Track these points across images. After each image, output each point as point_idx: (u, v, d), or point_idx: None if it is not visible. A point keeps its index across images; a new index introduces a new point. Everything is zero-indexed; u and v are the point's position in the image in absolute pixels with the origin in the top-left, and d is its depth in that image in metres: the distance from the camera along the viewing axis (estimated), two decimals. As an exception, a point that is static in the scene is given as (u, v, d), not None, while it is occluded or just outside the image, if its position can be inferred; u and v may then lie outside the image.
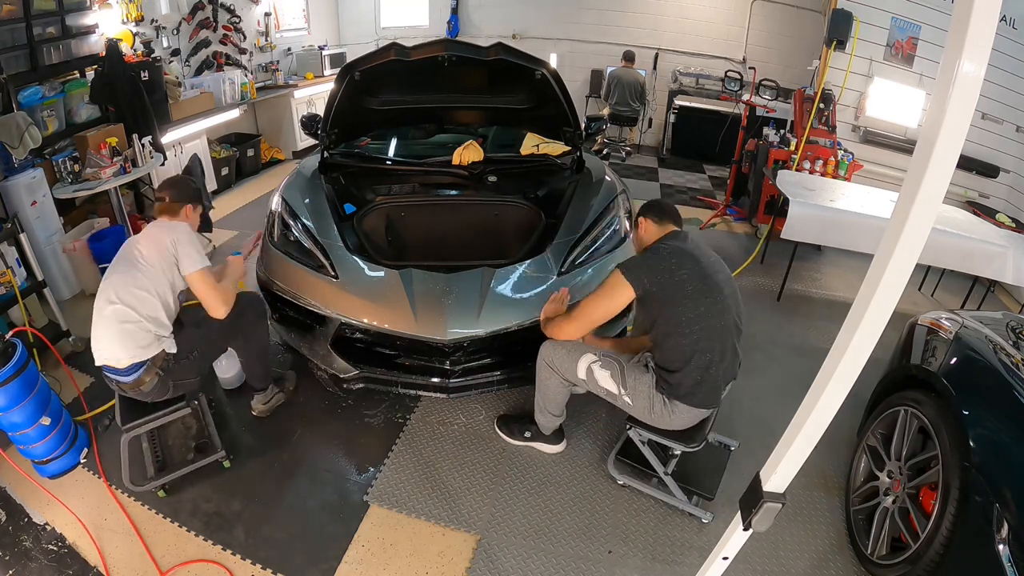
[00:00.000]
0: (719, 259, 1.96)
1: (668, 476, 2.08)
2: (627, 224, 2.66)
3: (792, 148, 4.34)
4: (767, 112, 4.87)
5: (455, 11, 7.23)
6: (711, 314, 1.80)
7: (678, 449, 2.02)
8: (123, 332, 1.86)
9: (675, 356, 1.84)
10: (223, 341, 2.21)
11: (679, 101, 6.56)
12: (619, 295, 1.85)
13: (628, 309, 2.12)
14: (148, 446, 2.22)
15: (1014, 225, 4.03)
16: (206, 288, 1.98)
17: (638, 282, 1.82)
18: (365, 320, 2.22)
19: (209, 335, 2.11)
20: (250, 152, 5.53)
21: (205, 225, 3.81)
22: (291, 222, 2.53)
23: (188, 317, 2.18)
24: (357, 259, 2.35)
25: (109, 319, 1.86)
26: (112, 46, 3.66)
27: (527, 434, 2.31)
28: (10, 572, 1.83)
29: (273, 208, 2.67)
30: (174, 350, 1.97)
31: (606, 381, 1.96)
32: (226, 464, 2.19)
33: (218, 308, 2.02)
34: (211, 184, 4.71)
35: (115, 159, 3.40)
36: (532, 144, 3.19)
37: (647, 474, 2.15)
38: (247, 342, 2.27)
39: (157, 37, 4.49)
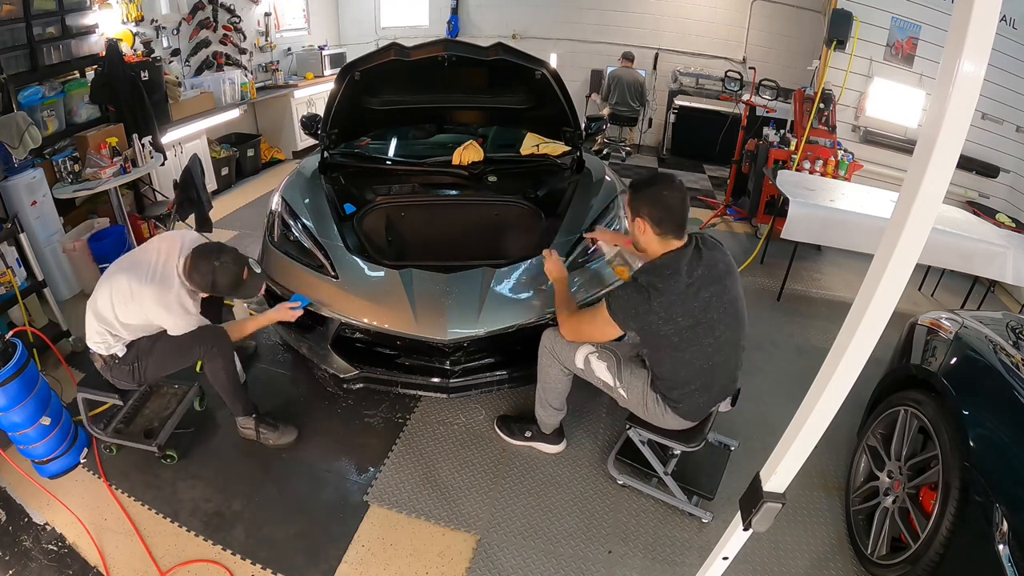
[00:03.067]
0: (727, 277, 1.76)
1: (668, 476, 2.08)
2: (627, 224, 2.66)
3: (792, 148, 4.34)
4: (767, 112, 4.87)
5: (455, 11, 7.23)
6: (696, 358, 1.75)
7: (678, 449, 2.01)
8: (90, 321, 2.02)
9: (664, 376, 1.84)
10: (170, 365, 2.13)
11: (679, 101, 6.56)
12: (607, 330, 1.79)
13: None
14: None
15: (1014, 225, 4.03)
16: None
17: (623, 324, 1.74)
18: (365, 320, 2.22)
19: (158, 355, 2.08)
20: (250, 152, 5.53)
21: (205, 225, 3.81)
22: (291, 222, 2.53)
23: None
24: (357, 259, 2.35)
25: (93, 306, 2.01)
26: (112, 46, 3.66)
27: (527, 434, 2.30)
28: (10, 572, 1.83)
29: (273, 208, 2.67)
30: (121, 354, 2.06)
31: (602, 372, 1.96)
32: (164, 460, 2.20)
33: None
34: (211, 184, 4.70)
35: (115, 159, 3.40)
36: (532, 144, 3.19)
37: (647, 474, 2.15)
38: (208, 371, 2.16)
39: (157, 37, 4.49)
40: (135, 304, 1.96)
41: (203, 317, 2.11)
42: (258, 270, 2.11)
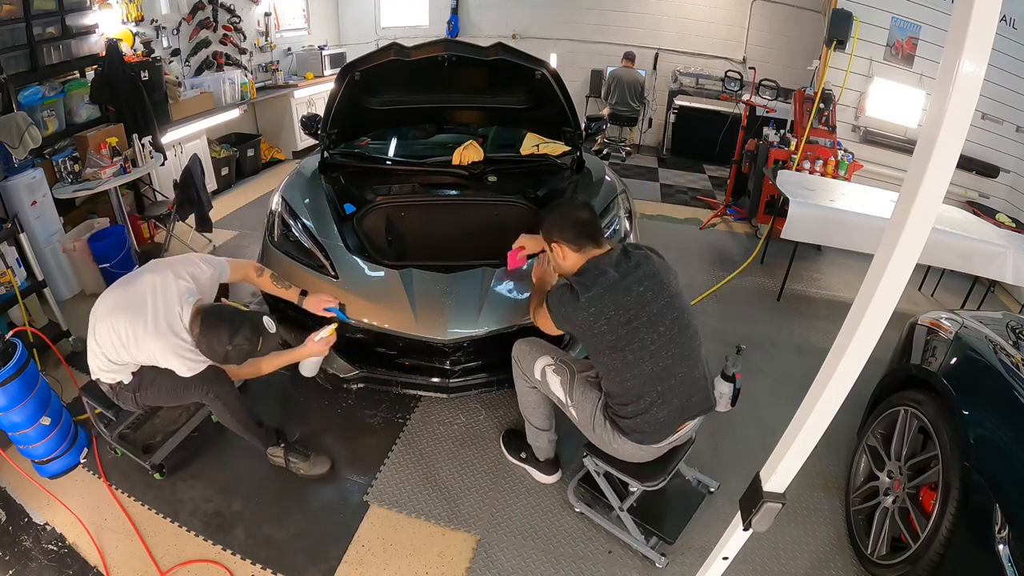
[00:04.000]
0: (664, 273, 1.71)
1: (624, 512, 1.93)
2: (627, 224, 2.66)
3: (792, 148, 4.34)
4: (767, 112, 4.87)
5: (455, 11, 7.23)
6: (641, 360, 1.65)
7: (636, 486, 1.84)
8: (92, 353, 1.93)
9: (614, 394, 1.73)
10: (169, 400, 2.05)
11: (679, 101, 6.56)
12: (548, 324, 1.79)
13: None
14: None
15: (1014, 225, 4.03)
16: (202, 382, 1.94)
17: (557, 322, 1.74)
18: (365, 320, 2.22)
19: (158, 389, 1.98)
20: (250, 152, 5.53)
21: (205, 225, 3.81)
22: (291, 222, 2.52)
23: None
24: (357, 259, 2.35)
25: (94, 341, 1.90)
26: (112, 46, 3.66)
27: (522, 455, 2.24)
28: (10, 572, 1.83)
29: (273, 208, 2.66)
30: (127, 381, 1.97)
31: (556, 387, 1.87)
32: (156, 476, 2.13)
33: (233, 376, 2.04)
34: (211, 184, 4.70)
35: (115, 159, 3.40)
36: (532, 144, 3.19)
37: (608, 505, 1.99)
38: (215, 412, 2.10)
39: (157, 37, 4.49)
40: (140, 351, 1.85)
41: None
42: (272, 330, 1.91)
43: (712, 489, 2.15)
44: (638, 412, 1.69)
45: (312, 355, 2.10)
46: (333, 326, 2.12)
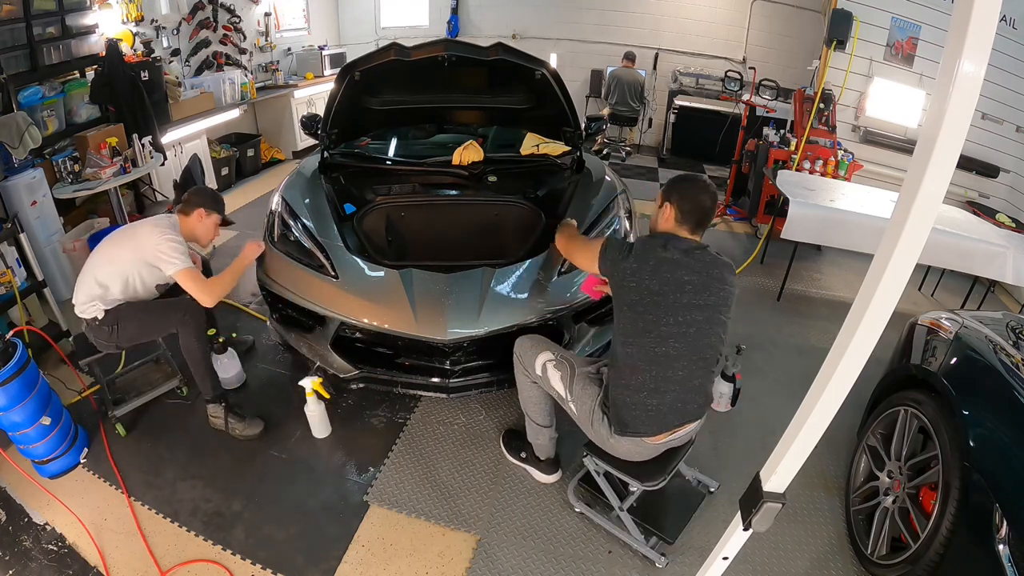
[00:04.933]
0: (715, 283, 1.68)
1: (624, 512, 1.94)
2: (627, 224, 2.66)
3: (792, 148, 4.34)
4: (767, 112, 4.87)
5: (455, 11, 7.23)
6: (648, 332, 1.66)
7: (635, 486, 1.85)
8: (81, 282, 2.21)
9: (617, 354, 1.74)
10: (146, 330, 2.30)
11: (679, 101, 6.56)
12: (588, 256, 1.84)
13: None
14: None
15: (1014, 225, 4.03)
16: (190, 284, 2.17)
17: (603, 262, 1.78)
18: (365, 320, 2.22)
19: (135, 319, 2.23)
20: (250, 152, 5.53)
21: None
22: (291, 222, 2.52)
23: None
24: (357, 259, 2.35)
25: (86, 268, 2.22)
26: (112, 46, 3.66)
27: (522, 455, 2.25)
28: (10, 572, 1.83)
29: (273, 208, 2.66)
30: (101, 316, 2.18)
31: (556, 382, 1.90)
32: (115, 427, 2.32)
33: (204, 299, 2.20)
34: (211, 184, 4.71)
35: (115, 159, 3.40)
36: (532, 144, 3.19)
37: (608, 505, 2.00)
38: (181, 342, 2.25)
39: (157, 37, 4.49)
40: (131, 245, 2.17)
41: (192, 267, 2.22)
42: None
43: (712, 489, 2.15)
44: (630, 390, 1.70)
45: (252, 253, 2.40)
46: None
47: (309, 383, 2.27)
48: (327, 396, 2.35)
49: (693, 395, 1.74)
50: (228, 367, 2.56)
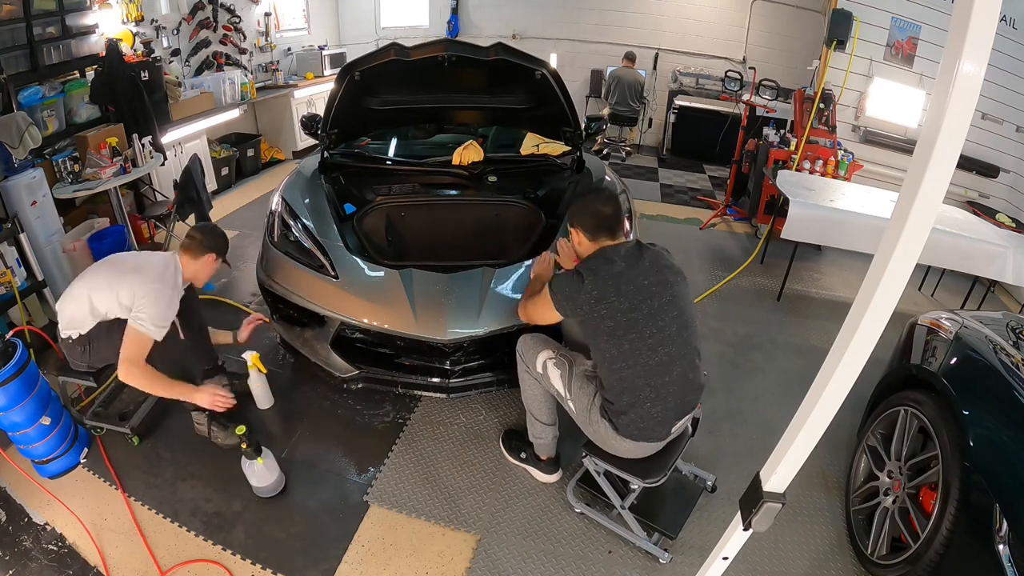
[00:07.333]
0: (669, 272, 1.75)
1: (626, 510, 1.94)
2: (627, 224, 2.66)
3: (792, 148, 4.34)
4: (767, 112, 4.87)
5: (455, 11, 7.23)
6: (638, 351, 1.67)
7: (636, 483, 1.86)
8: (71, 296, 2.11)
9: (609, 385, 1.75)
10: (116, 354, 2.08)
11: (679, 101, 6.56)
12: (547, 312, 1.82)
13: None
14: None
15: (1014, 225, 4.03)
16: (130, 347, 1.99)
17: (561, 308, 1.77)
18: (365, 320, 2.22)
19: (107, 341, 2.09)
20: (250, 152, 5.53)
21: (205, 225, 3.81)
22: (291, 222, 2.53)
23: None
24: (357, 259, 2.35)
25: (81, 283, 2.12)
26: (112, 46, 3.66)
27: (523, 455, 2.25)
28: (10, 572, 1.83)
29: (273, 208, 2.67)
30: (75, 337, 2.13)
31: (556, 380, 1.90)
32: (134, 440, 2.29)
33: (124, 370, 2.00)
34: (211, 184, 4.70)
35: (115, 159, 3.40)
36: (532, 144, 3.19)
37: (608, 504, 2.00)
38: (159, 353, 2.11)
39: (157, 37, 4.49)
40: (127, 282, 2.02)
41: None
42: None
43: (709, 483, 2.16)
44: (632, 405, 1.71)
45: (200, 401, 2.14)
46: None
47: (249, 357, 2.36)
48: (264, 371, 2.42)
49: (690, 389, 1.79)
50: (264, 475, 2.06)
